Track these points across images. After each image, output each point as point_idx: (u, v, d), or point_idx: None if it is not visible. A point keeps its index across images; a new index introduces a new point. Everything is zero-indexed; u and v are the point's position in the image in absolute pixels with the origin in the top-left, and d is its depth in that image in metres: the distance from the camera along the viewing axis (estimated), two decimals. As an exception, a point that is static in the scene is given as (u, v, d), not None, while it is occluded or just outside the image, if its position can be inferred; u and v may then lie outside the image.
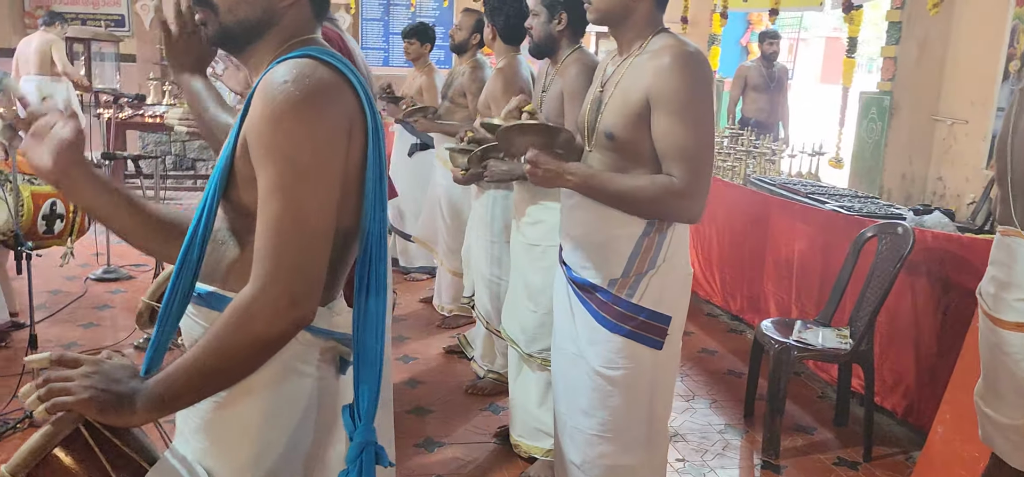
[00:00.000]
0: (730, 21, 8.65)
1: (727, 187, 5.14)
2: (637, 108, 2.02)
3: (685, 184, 1.98)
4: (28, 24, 10.15)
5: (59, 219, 3.88)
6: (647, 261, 2.12)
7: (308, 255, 1.22)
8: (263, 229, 1.22)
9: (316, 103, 1.23)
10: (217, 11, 1.33)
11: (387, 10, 10.56)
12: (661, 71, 1.98)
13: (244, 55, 1.38)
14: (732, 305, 5.06)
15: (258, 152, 1.24)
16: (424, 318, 4.92)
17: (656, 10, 2.11)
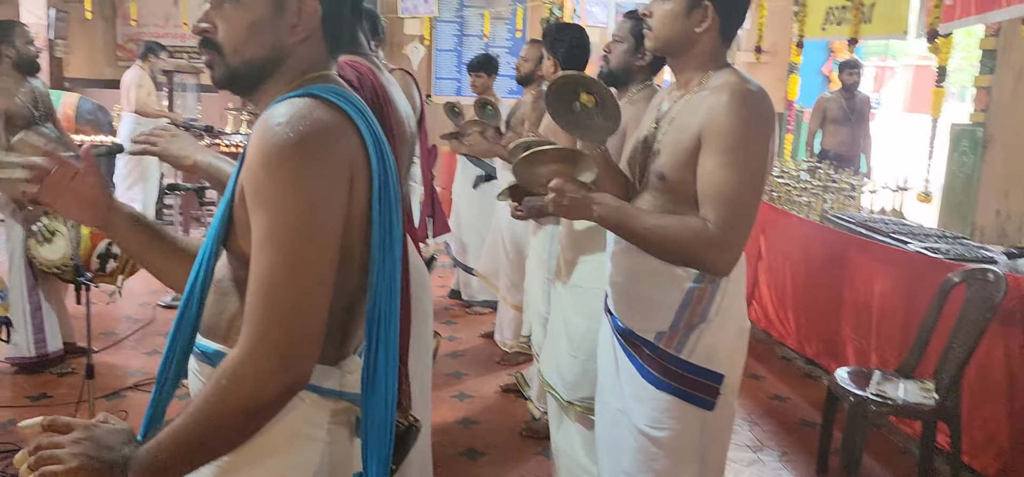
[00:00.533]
0: (811, 49, 8.36)
1: (802, 224, 4.89)
2: (690, 147, 1.86)
3: (718, 231, 1.80)
4: (120, 57, 10.60)
5: (113, 258, 3.95)
6: (698, 313, 1.95)
7: (301, 313, 1.13)
8: (253, 283, 1.13)
9: (311, 147, 1.14)
10: (223, 52, 1.26)
11: (460, 41, 10.61)
12: (715, 108, 1.82)
13: (255, 96, 1.31)
14: (807, 349, 4.79)
15: (252, 199, 1.15)
16: (484, 353, 4.82)
17: (721, 44, 1.95)
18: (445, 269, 6.52)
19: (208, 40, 1.27)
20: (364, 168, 1.21)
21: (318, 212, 1.14)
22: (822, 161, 5.92)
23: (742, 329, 2.05)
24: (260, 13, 1.24)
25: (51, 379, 4.06)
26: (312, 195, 1.13)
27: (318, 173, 1.14)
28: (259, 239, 1.14)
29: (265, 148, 1.13)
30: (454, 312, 5.59)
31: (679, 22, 1.92)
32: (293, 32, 1.26)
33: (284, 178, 1.12)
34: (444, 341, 4.96)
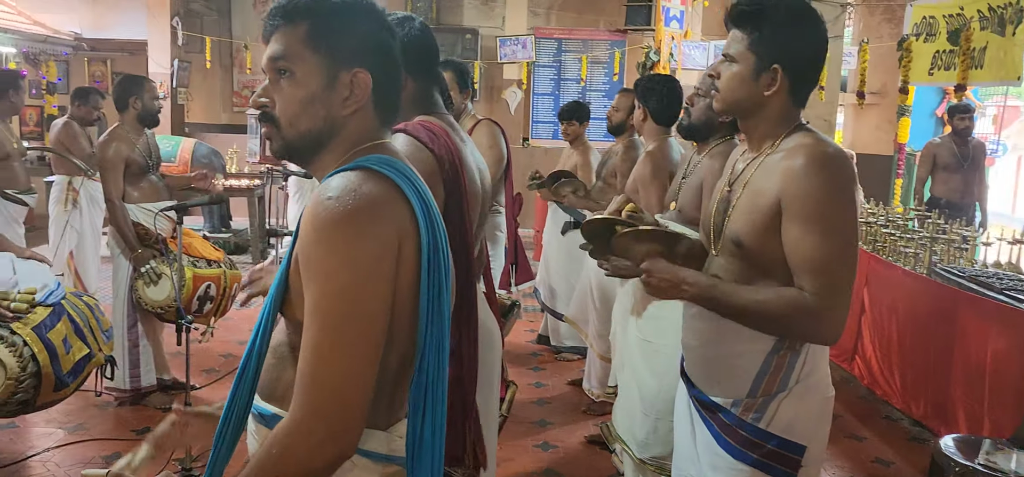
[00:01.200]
0: (924, 90, 8.01)
1: (908, 276, 4.64)
2: (768, 213, 1.79)
3: (818, 301, 1.72)
4: (236, 103, 11.19)
5: (210, 300, 4.14)
6: (777, 381, 1.86)
7: (347, 386, 1.15)
8: (303, 355, 1.16)
9: (359, 220, 1.17)
10: (279, 126, 1.32)
11: (557, 85, 10.69)
12: (794, 173, 1.75)
13: (311, 166, 1.36)
14: (914, 409, 4.52)
15: (304, 270, 1.19)
16: (571, 402, 4.76)
17: (792, 106, 1.87)
18: (533, 312, 6.52)
19: (266, 114, 1.32)
20: (413, 237, 1.23)
21: (366, 286, 1.16)
22: (932, 210, 5.63)
23: (826, 398, 1.94)
24: (313, 88, 1.29)
25: (154, 414, 4.26)
26: (360, 269, 1.16)
27: (366, 246, 1.17)
28: (309, 310, 1.17)
29: (316, 221, 1.17)
30: (542, 358, 5.57)
31: (747, 85, 1.86)
32: (345, 105, 1.31)
33: (333, 251, 1.15)
34: (530, 388, 4.94)
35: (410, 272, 1.23)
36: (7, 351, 2.69)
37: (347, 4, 1.33)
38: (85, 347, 2.94)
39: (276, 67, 1.31)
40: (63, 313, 2.93)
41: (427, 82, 2.21)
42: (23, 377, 2.71)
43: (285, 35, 1.31)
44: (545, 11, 10.98)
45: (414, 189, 1.26)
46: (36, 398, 2.79)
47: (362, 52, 1.32)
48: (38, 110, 10.65)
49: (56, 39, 9.92)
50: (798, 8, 1.84)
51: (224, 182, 7.88)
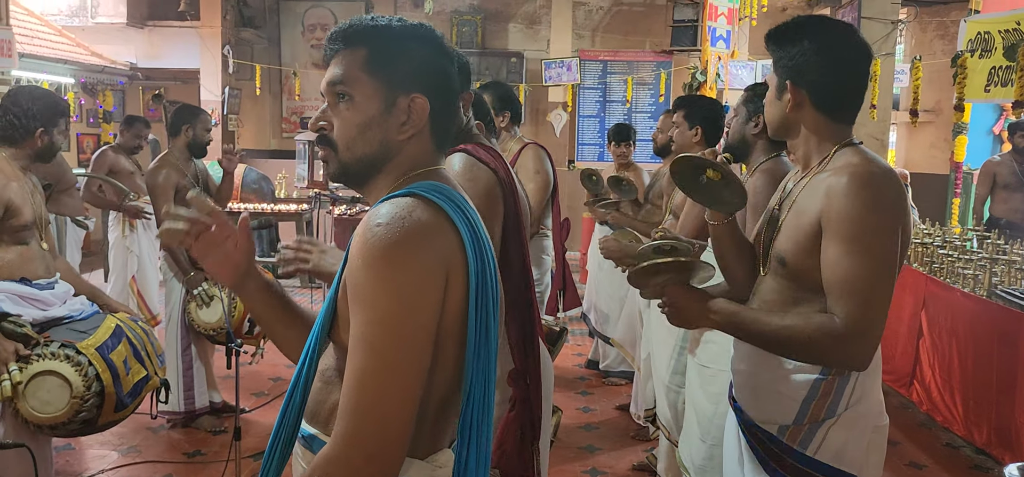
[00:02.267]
0: (981, 108, 7.81)
1: (968, 299, 4.49)
2: (810, 232, 1.76)
3: (847, 325, 1.67)
4: (285, 129, 11.39)
5: None
6: (825, 408, 1.81)
7: (389, 414, 1.14)
8: (347, 381, 1.16)
9: (407, 248, 1.16)
10: (337, 149, 1.32)
11: (603, 107, 10.66)
12: (835, 192, 1.71)
13: (365, 189, 1.36)
14: (977, 436, 4.36)
15: (351, 295, 1.19)
16: (619, 427, 4.70)
17: (829, 123, 1.85)
18: (582, 337, 6.47)
19: (324, 137, 1.33)
20: (461, 267, 1.22)
21: (411, 314, 1.16)
22: (991, 230, 5.46)
23: (878, 426, 1.88)
24: (372, 113, 1.30)
25: (205, 437, 4.32)
26: (406, 297, 1.16)
27: (412, 276, 1.16)
28: (355, 336, 1.17)
29: (365, 248, 1.17)
30: (590, 383, 5.52)
31: (773, 105, 1.92)
32: (402, 130, 1.31)
33: (379, 278, 1.15)
34: (578, 412, 4.89)
35: (458, 301, 1.22)
36: (73, 370, 2.73)
37: (406, 30, 1.34)
38: (143, 369, 2.98)
39: (335, 91, 1.32)
40: (123, 335, 2.98)
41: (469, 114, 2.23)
42: (87, 396, 2.75)
43: (345, 59, 1.32)
44: (590, 33, 10.99)
45: (464, 217, 1.25)
46: (98, 417, 2.82)
47: (420, 77, 1.32)
48: (95, 138, 10.98)
49: (112, 69, 10.22)
50: (822, 27, 1.86)
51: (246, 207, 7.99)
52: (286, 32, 11.18)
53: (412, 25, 1.35)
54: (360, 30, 1.33)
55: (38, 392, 2.72)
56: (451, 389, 1.27)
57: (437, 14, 10.24)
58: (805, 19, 1.88)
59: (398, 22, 1.35)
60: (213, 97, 10.13)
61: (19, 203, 2.96)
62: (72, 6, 10.46)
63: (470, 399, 1.23)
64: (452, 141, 1.47)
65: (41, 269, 3.06)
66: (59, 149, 3.19)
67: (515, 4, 11.00)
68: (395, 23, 1.34)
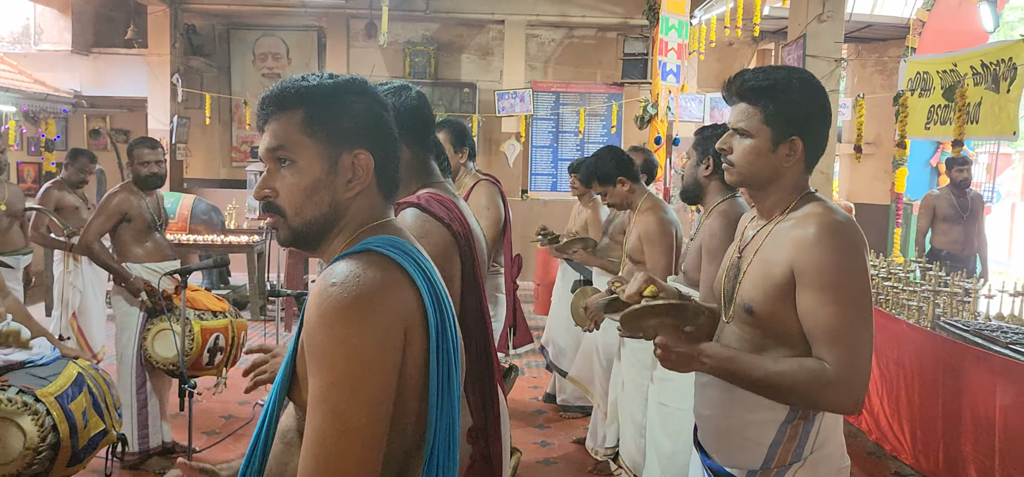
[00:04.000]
0: (919, 141, 8.08)
1: (913, 330, 4.63)
2: (780, 282, 1.80)
3: (838, 371, 1.72)
4: (235, 158, 11.23)
5: (219, 351, 4.10)
6: (791, 452, 1.85)
7: (350, 474, 1.13)
8: (307, 443, 1.15)
9: (364, 307, 1.16)
10: (285, 215, 1.31)
11: (556, 137, 10.77)
12: (806, 243, 1.76)
13: (319, 251, 1.35)
14: (924, 465, 4.48)
15: (309, 356, 1.18)
16: (577, 462, 4.71)
17: (805, 172, 1.91)
18: (538, 370, 6.48)
19: (271, 204, 1.31)
20: (420, 321, 1.22)
21: (370, 374, 1.15)
22: (933, 261, 5.64)
23: (841, 468, 1.93)
24: (317, 174, 1.29)
25: (155, 479, 4.21)
26: (364, 357, 1.15)
27: (369, 335, 1.16)
28: (313, 399, 1.16)
29: (320, 309, 1.16)
30: (548, 416, 5.52)
31: (763, 157, 1.89)
32: (349, 188, 1.30)
33: (336, 339, 1.14)
34: (536, 447, 4.89)
35: (418, 356, 1.22)
36: (29, 420, 2.62)
37: (340, 86, 1.32)
38: (101, 422, 2.87)
39: (276, 156, 1.30)
40: (84, 385, 2.88)
41: (424, 151, 2.19)
42: (41, 448, 2.64)
43: (281, 123, 1.30)
44: (542, 65, 11.11)
45: (421, 271, 1.25)
46: (49, 471, 2.70)
47: (360, 132, 1.31)
48: (36, 167, 10.69)
49: (56, 97, 9.98)
50: (808, 79, 1.90)
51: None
52: (236, 60, 11.07)
53: (346, 80, 1.34)
54: (294, 92, 1.30)
55: None
56: (414, 443, 1.26)
57: (391, 45, 10.25)
58: (801, 74, 1.91)
59: (330, 79, 1.33)
60: (161, 126, 9.95)
61: None
62: (14, 32, 10.20)
63: (434, 453, 1.23)
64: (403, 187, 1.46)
65: None
66: None
67: (468, 35, 11.07)
68: (327, 80, 1.33)
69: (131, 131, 11.38)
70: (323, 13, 10.49)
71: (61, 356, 3.02)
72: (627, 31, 10.55)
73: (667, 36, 7.83)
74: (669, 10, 7.78)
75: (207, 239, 7.96)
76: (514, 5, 10.20)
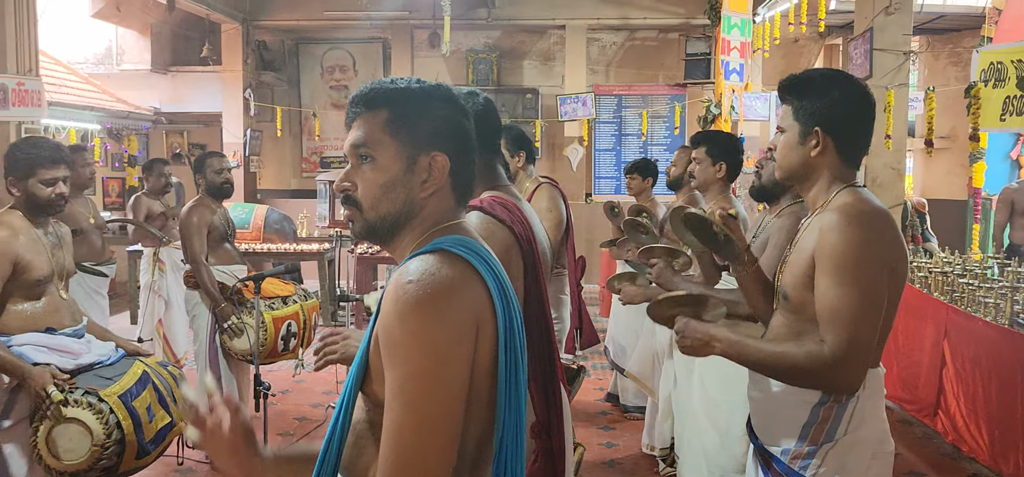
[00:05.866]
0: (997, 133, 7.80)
1: (990, 328, 4.49)
2: (805, 268, 1.91)
3: (833, 352, 1.80)
4: (305, 169, 11.54)
5: (293, 337, 4.31)
6: (824, 432, 1.91)
7: (429, 465, 1.20)
8: (385, 434, 1.21)
9: (437, 304, 1.22)
10: (362, 209, 1.37)
11: (619, 140, 10.75)
12: (826, 228, 1.86)
13: (390, 246, 1.41)
14: (1004, 467, 4.33)
15: (385, 352, 1.24)
16: (643, 464, 4.71)
17: (843, 166, 1.99)
18: (603, 371, 6.49)
19: (349, 197, 1.38)
20: (490, 319, 1.27)
21: (444, 367, 1.21)
22: (1011, 257, 5.45)
23: (880, 452, 1.97)
24: (394, 172, 1.35)
25: (231, 479, 4.37)
26: (439, 351, 1.21)
27: (444, 331, 1.21)
28: (391, 392, 1.22)
29: (397, 305, 1.22)
30: (611, 417, 5.53)
31: (794, 151, 2.01)
32: (424, 188, 1.37)
33: (413, 334, 1.20)
34: (600, 448, 4.90)
35: (488, 350, 1.27)
36: (93, 417, 2.79)
37: (425, 91, 1.39)
38: (168, 416, 3.03)
39: (358, 152, 1.37)
40: (149, 381, 3.03)
41: (490, 156, 2.25)
42: (107, 444, 2.80)
43: (366, 122, 1.37)
44: (604, 68, 11.11)
45: (490, 270, 1.30)
46: (119, 465, 2.86)
47: (439, 136, 1.38)
48: (120, 182, 11.17)
49: (137, 114, 10.44)
50: (832, 75, 2.02)
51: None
52: (305, 74, 11.38)
53: (430, 86, 1.41)
54: (381, 93, 1.38)
55: (61, 440, 2.78)
56: (485, 438, 1.31)
57: (454, 53, 10.40)
58: (831, 72, 2.02)
59: (417, 84, 1.40)
60: (235, 139, 10.31)
61: (29, 258, 2.98)
62: (98, 54, 10.71)
63: (503, 446, 1.28)
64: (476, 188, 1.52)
65: (67, 318, 3.11)
66: (48, 200, 3.08)
67: (529, 41, 11.15)
68: (414, 85, 1.40)
69: (207, 145, 11.81)
70: (388, 24, 10.71)
71: (126, 355, 3.17)
72: (689, 31, 10.47)
73: (729, 35, 7.74)
74: (731, 8, 7.70)
75: (280, 248, 8.22)
76: (575, 10, 10.23)
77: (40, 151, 3.08)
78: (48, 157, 3.07)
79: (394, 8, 10.05)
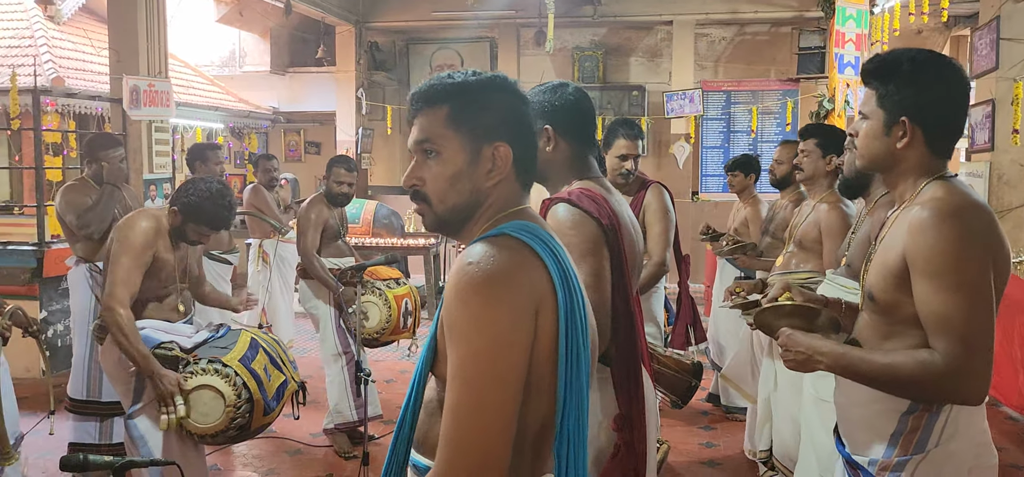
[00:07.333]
0: None
1: None
2: (895, 268, 1.76)
3: (948, 362, 1.65)
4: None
5: (409, 315, 4.61)
6: (913, 443, 1.78)
7: (485, 445, 1.23)
8: (446, 413, 1.25)
9: (496, 286, 1.25)
10: (431, 202, 1.42)
11: (727, 137, 10.52)
12: (917, 227, 1.71)
13: (460, 235, 1.46)
14: None
15: (447, 332, 1.28)
16: (744, 464, 4.61)
17: (932, 157, 1.82)
18: (706, 370, 6.37)
19: (418, 192, 1.43)
20: (551, 302, 1.30)
21: (503, 349, 1.24)
22: None
23: (979, 466, 1.82)
24: (459, 165, 1.40)
25: (337, 461, 4.56)
26: (498, 333, 1.24)
27: (504, 311, 1.25)
28: (452, 372, 1.26)
29: (458, 286, 1.27)
30: (712, 417, 5.43)
31: (878, 140, 1.86)
32: (489, 177, 1.40)
33: (473, 315, 1.24)
34: (700, 448, 4.83)
35: (548, 335, 1.29)
36: (223, 381, 3.01)
37: (483, 83, 1.43)
38: (281, 375, 3.24)
39: (423, 148, 1.42)
40: (259, 347, 3.25)
41: (582, 146, 2.25)
42: (239, 403, 3.03)
43: (428, 118, 1.41)
44: (713, 64, 10.89)
45: (551, 254, 1.32)
46: (251, 423, 3.09)
47: (500, 125, 1.41)
48: (242, 178, 11.77)
49: (257, 114, 10.98)
50: (922, 59, 1.83)
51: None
52: (415, 73, 11.67)
53: (489, 77, 1.44)
54: (440, 89, 1.42)
55: (197, 406, 3.02)
56: (547, 420, 1.33)
57: (559, 51, 10.43)
58: (919, 54, 1.85)
59: (474, 76, 1.43)
60: (348, 137, 10.68)
61: (164, 256, 3.23)
62: (222, 57, 11.32)
63: (564, 430, 1.30)
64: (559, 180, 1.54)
65: (177, 315, 3.37)
66: (189, 241, 3.28)
67: (636, 38, 11.05)
68: (472, 78, 1.43)
69: (321, 143, 12.29)
70: (494, 23, 10.85)
71: (232, 328, 3.39)
72: (802, 24, 10.13)
73: (844, 27, 7.45)
74: (846, 0, 7.41)
75: (388, 242, 8.47)
76: (683, 5, 10.07)
77: (196, 202, 3.17)
78: (206, 204, 3.18)
79: (500, 7, 10.17)
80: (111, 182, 4.35)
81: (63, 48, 8.83)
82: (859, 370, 1.80)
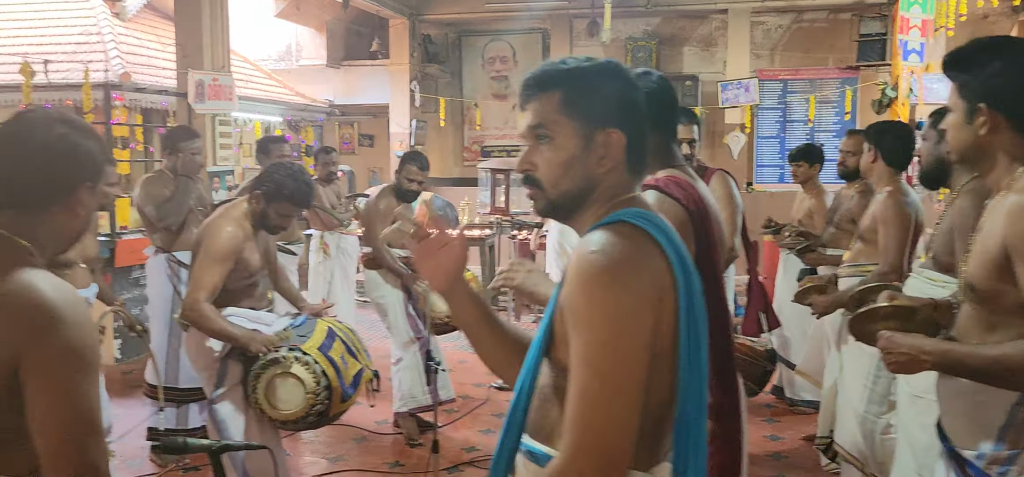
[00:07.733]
0: None
1: None
2: (995, 257, 1.72)
3: None
4: (466, 158, 11.91)
5: None
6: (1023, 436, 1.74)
7: (613, 428, 1.24)
8: (572, 398, 1.27)
9: (621, 273, 1.27)
10: (543, 187, 1.43)
11: (783, 127, 10.37)
12: (1016, 213, 1.67)
13: (572, 220, 1.46)
14: None
15: (570, 319, 1.30)
16: (809, 457, 4.56)
17: (1022, 140, 1.78)
18: (767, 363, 6.31)
19: (530, 177, 1.45)
20: (671, 289, 1.31)
21: (627, 335, 1.26)
22: None
23: None
24: (572, 151, 1.40)
25: (404, 449, 4.63)
26: (622, 319, 1.26)
27: (627, 298, 1.26)
28: (577, 357, 1.28)
29: (582, 275, 1.28)
30: (777, 410, 5.38)
31: (962, 131, 1.84)
32: (601, 163, 1.41)
33: (597, 302, 1.26)
34: (764, 440, 4.80)
35: (669, 320, 1.31)
36: (304, 369, 3.09)
37: (596, 68, 1.43)
38: (356, 363, 3.32)
39: (536, 133, 1.43)
40: (335, 335, 3.33)
41: (665, 135, 2.25)
42: (319, 391, 3.10)
43: (541, 103, 1.42)
44: (769, 52, 10.74)
45: (671, 243, 1.33)
46: (329, 409, 3.17)
47: (613, 112, 1.41)
48: (298, 171, 11.95)
49: (313, 107, 11.14)
50: (994, 43, 1.82)
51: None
52: (467, 66, 11.73)
53: (601, 63, 1.45)
54: (554, 74, 1.43)
55: (278, 392, 3.11)
56: (666, 405, 1.35)
57: (613, 41, 10.37)
58: (993, 40, 1.85)
59: (587, 62, 1.44)
60: (401, 129, 10.78)
61: (248, 256, 3.29)
62: (280, 51, 11.52)
63: (684, 417, 1.32)
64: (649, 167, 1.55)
65: (264, 302, 3.47)
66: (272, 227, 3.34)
67: (690, 27, 10.95)
68: (585, 64, 1.44)
69: (375, 136, 12.42)
70: (547, 14, 10.84)
71: (308, 317, 3.47)
72: (863, 10, 9.92)
73: (909, 12, 7.30)
74: (911, -15, 7.25)
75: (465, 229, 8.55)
76: (738, -7, 9.96)
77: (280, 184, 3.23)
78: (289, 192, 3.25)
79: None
80: (185, 174, 4.47)
81: (129, 44, 9.07)
82: (967, 365, 1.76)
